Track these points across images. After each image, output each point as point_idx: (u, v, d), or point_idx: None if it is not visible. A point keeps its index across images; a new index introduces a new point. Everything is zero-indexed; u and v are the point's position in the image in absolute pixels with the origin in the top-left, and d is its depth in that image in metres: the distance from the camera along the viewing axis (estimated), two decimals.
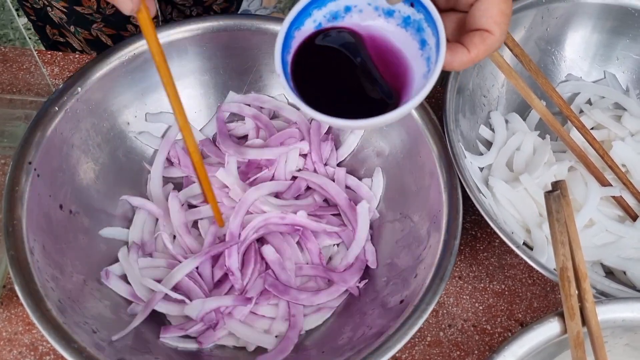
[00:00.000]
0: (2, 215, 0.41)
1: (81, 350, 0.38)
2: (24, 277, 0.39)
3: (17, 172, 0.42)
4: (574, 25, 0.56)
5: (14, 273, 0.39)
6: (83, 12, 0.66)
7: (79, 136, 0.47)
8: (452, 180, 0.47)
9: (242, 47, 0.51)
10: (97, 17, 0.66)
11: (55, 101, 0.45)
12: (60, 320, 0.39)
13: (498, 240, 0.53)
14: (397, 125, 0.52)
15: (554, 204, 0.38)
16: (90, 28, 0.68)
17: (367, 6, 0.36)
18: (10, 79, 0.58)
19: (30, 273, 0.40)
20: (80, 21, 0.67)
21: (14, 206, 0.41)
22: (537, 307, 0.50)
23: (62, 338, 0.38)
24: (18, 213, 0.41)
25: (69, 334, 0.38)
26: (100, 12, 0.66)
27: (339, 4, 0.36)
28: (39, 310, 0.38)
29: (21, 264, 0.40)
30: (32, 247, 0.41)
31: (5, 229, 0.40)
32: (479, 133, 0.55)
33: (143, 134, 0.51)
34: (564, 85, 0.59)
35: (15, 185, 0.41)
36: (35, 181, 0.42)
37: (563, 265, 0.38)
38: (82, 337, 0.39)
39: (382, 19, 0.36)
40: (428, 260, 0.45)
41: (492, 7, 0.34)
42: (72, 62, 0.59)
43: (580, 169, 0.53)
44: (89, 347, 0.38)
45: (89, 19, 0.67)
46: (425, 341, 0.48)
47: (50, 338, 0.38)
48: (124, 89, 0.49)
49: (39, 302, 0.39)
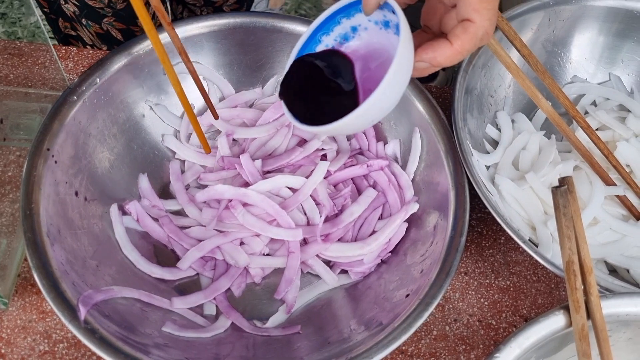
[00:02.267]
0: (20, 198, 0.42)
1: (94, 331, 0.39)
2: (40, 259, 0.40)
3: (36, 158, 0.43)
4: (581, 28, 0.57)
5: (30, 254, 0.40)
6: (95, 6, 0.67)
7: (96, 126, 0.48)
8: (460, 178, 0.47)
9: (256, 45, 0.52)
10: (108, 11, 0.68)
11: (74, 91, 0.46)
12: (75, 302, 0.40)
13: (503, 237, 0.54)
14: (406, 124, 0.53)
15: (561, 199, 0.39)
16: (101, 22, 0.69)
17: (369, 22, 0.39)
18: (25, 73, 0.59)
19: (46, 255, 0.40)
20: (91, 15, 0.69)
21: (31, 190, 0.42)
22: (541, 303, 0.51)
23: (75, 319, 0.39)
24: (36, 197, 0.42)
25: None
26: (111, 7, 0.67)
27: (345, 26, 0.39)
28: (54, 291, 0.39)
29: (37, 246, 0.41)
30: (48, 230, 0.41)
31: (22, 211, 0.41)
32: (486, 132, 0.56)
33: (159, 107, 0.52)
34: (569, 87, 0.60)
35: (33, 170, 0.42)
36: (52, 167, 0.43)
37: (569, 259, 0.39)
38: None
39: (384, 31, 0.38)
40: (434, 256, 0.45)
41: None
42: (86, 57, 0.60)
43: (585, 169, 0.54)
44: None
45: (100, 13, 0.68)
46: (432, 335, 0.49)
47: (64, 319, 0.39)
48: (140, 81, 0.50)
49: (55, 284, 0.40)
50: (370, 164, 0.51)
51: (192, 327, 0.45)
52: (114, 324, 0.40)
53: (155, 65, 0.50)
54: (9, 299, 0.47)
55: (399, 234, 0.50)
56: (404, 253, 0.49)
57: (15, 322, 0.46)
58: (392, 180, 0.52)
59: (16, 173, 0.52)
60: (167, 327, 0.43)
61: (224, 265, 0.48)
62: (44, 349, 0.45)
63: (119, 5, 0.68)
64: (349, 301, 0.48)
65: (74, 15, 0.69)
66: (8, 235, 0.48)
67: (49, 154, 0.43)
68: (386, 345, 0.41)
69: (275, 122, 0.54)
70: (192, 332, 0.44)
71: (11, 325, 0.46)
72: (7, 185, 0.52)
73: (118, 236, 0.47)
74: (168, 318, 0.44)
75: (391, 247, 0.50)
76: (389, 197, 0.51)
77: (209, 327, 0.45)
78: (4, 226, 0.49)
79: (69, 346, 0.45)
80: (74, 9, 0.68)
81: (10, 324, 0.46)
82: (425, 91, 0.51)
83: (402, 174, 0.52)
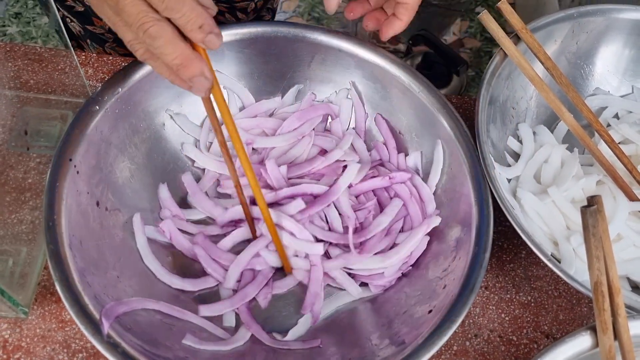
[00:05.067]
0: (44, 210, 0.41)
1: (116, 345, 0.39)
2: (63, 271, 0.40)
3: (58, 168, 0.43)
4: (606, 41, 0.57)
5: (53, 267, 0.40)
6: (95, 31, 0.67)
7: (117, 135, 0.47)
8: (483, 192, 0.47)
9: (277, 54, 0.52)
10: (108, 37, 0.67)
11: (96, 100, 0.46)
12: (97, 316, 0.39)
13: (524, 251, 0.54)
14: (428, 135, 0.52)
15: (590, 219, 0.38)
16: (104, 46, 0.69)
17: None
18: (45, 79, 0.59)
19: (68, 267, 0.40)
20: (94, 38, 0.68)
21: (54, 201, 0.42)
22: (563, 319, 0.50)
23: (98, 332, 0.39)
24: (58, 208, 0.42)
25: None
26: (112, 32, 0.67)
27: None
28: (77, 305, 0.39)
29: (60, 258, 0.40)
30: (70, 242, 0.41)
31: (45, 223, 0.41)
32: (507, 144, 0.55)
33: (179, 116, 0.52)
34: (591, 99, 0.59)
35: (56, 181, 0.42)
36: (74, 178, 0.43)
37: (597, 280, 0.38)
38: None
39: None
40: (457, 271, 0.45)
41: None
42: (105, 63, 0.60)
43: (609, 183, 0.53)
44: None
45: (102, 38, 0.68)
46: (452, 350, 0.48)
47: (87, 333, 0.39)
48: (161, 90, 0.50)
49: (77, 296, 0.39)
50: (392, 176, 0.51)
51: (212, 339, 0.44)
52: (135, 337, 0.40)
53: None
54: (29, 308, 0.47)
55: (420, 247, 0.49)
56: (425, 267, 0.49)
57: (35, 331, 0.46)
58: (413, 193, 0.51)
59: (36, 180, 0.52)
60: (188, 340, 0.43)
61: (250, 274, 0.48)
62: (62, 358, 0.45)
63: None
64: (369, 315, 0.48)
65: (79, 34, 0.69)
66: (28, 243, 0.48)
67: (71, 164, 0.43)
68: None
69: (295, 132, 0.53)
70: (212, 345, 0.44)
71: (30, 334, 0.46)
72: (27, 192, 0.52)
73: (140, 246, 0.47)
74: (188, 330, 0.44)
75: (412, 260, 0.49)
76: (411, 210, 0.51)
77: (229, 339, 0.45)
78: (24, 234, 0.49)
79: (88, 356, 0.45)
80: (79, 29, 0.68)
81: (30, 332, 0.46)
82: (448, 104, 0.51)
83: (423, 186, 0.51)
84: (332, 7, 0.46)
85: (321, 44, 0.52)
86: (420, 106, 0.52)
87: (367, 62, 0.52)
